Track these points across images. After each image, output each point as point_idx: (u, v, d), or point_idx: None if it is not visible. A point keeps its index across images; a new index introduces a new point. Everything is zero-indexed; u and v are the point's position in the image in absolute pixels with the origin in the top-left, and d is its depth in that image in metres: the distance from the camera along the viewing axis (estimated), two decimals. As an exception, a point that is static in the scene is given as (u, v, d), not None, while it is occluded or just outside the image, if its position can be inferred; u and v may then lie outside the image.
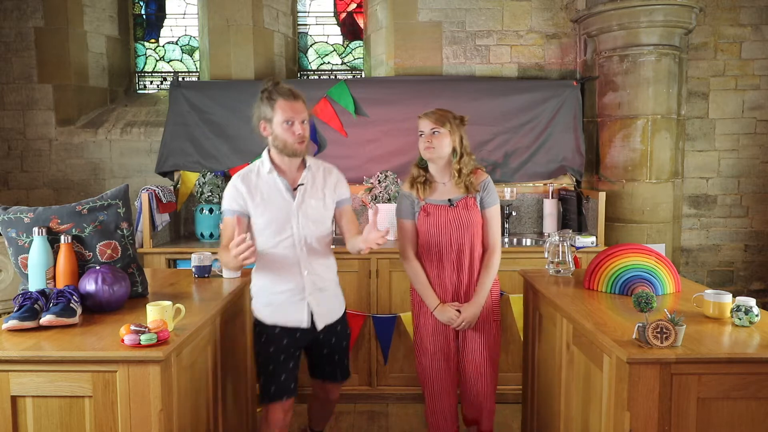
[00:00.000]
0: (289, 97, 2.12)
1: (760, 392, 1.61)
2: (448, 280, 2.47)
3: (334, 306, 2.35)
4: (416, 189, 2.48)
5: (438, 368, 2.50)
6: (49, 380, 1.61)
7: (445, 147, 2.41)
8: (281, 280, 2.20)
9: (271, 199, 2.17)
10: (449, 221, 2.44)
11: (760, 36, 4.14)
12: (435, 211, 2.45)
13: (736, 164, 4.25)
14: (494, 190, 2.50)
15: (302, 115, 2.13)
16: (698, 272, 4.33)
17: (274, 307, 2.22)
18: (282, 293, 2.21)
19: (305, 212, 2.19)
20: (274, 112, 2.11)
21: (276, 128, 2.12)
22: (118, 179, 4.25)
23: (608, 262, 2.26)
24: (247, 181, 2.19)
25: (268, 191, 2.18)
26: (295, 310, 2.22)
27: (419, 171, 2.51)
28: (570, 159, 3.92)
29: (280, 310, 2.22)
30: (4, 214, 2.04)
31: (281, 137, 2.12)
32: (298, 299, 2.21)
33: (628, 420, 1.62)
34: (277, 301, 2.22)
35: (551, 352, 2.33)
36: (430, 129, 2.41)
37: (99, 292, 1.94)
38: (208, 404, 2.07)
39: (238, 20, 4.24)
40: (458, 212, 2.44)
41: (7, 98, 4.24)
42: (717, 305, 1.90)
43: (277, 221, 2.16)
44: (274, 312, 2.23)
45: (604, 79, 3.86)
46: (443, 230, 2.44)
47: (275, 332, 2.22)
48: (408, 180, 2.54)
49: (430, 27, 4.16)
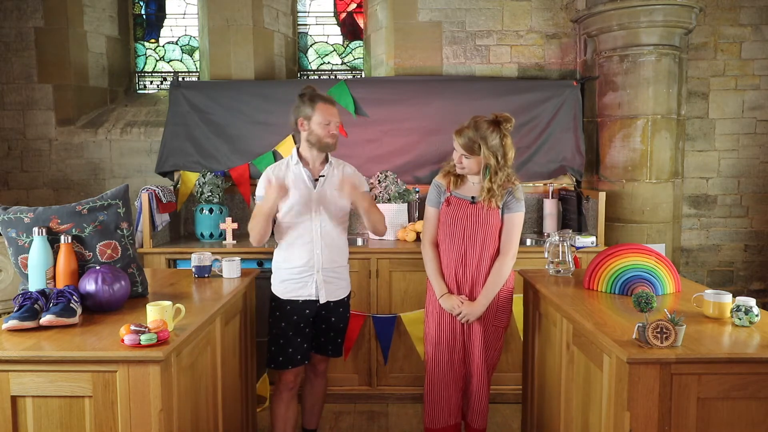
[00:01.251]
0: (329, 102, 2.51)
1: (760, 392, 1.61)
2: (453, 273, 2.50)
3: (339, 286, 2.61)
4: (448, 180, 2.54)
5: (440, 359, 2.52)
6: (49, 380, 1.60)
7: (474, 167, 2.44)
8: (297, 256, 2.52)
9: (296, 186, 2.50)
10: (467, 216, 2.46)
11: (760, 36, 4.14)
12: (457, 204, 2.49)
13: (736, 164, 4.25)
14: (521, 197, 2.48)
15: (337, 119, 2.52)
16: (698, 272, 4.33)
17: (288, 283, 2.53)
18: (296, 268, 2.52)
19: (323, 199, 2.52)
20: (315, 112, 2.46)
21: (314, 126, 2.47)
22: (118, 179, 4.26)
23: (608, 262, 2.26)
24: (278, 171, 2.56)
25: (294, 179, 2.52)
26: (305, 284, 2.52)
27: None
28: (570, 159, 3.92)
29: (292, 285, 2.53)
30: (4, 214, 2.04)
31: (317, 133, 2.47)
32: (308, 275, 2.52)
33: (628, 420, 1.62)
34: (290, 276, 2.53)
35: (551, 352, 2.34)
36: (460, 153, 2.44)
37: (99, 292, 1.94)
38: (208, 404, 2.07)
39: (238, 20, 4.24)
40: (477, 210, 2.46)
41: (7, 98, 4.24)
42: (717, 305, 1.90)
43: (299, 205, 2.48)
44: (287, 288, 2.53)
45: (604, 79, 3.86)
46: (459, 224, 2.47)
47: (287, 309, 2.53)
48: (443, 169, 2.59)
49: (430, 27, 4.16)
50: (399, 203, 3.66)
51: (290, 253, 2.54)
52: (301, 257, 2.52)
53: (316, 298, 2.54)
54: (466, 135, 2.41)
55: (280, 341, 2.53)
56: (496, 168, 2.40)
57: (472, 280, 2.49)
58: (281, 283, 2.56)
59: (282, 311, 2.54)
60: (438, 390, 2.54)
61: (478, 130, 2.39)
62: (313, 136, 2.49)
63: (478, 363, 2.51)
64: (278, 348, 2.54)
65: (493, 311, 2.51)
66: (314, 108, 2.47)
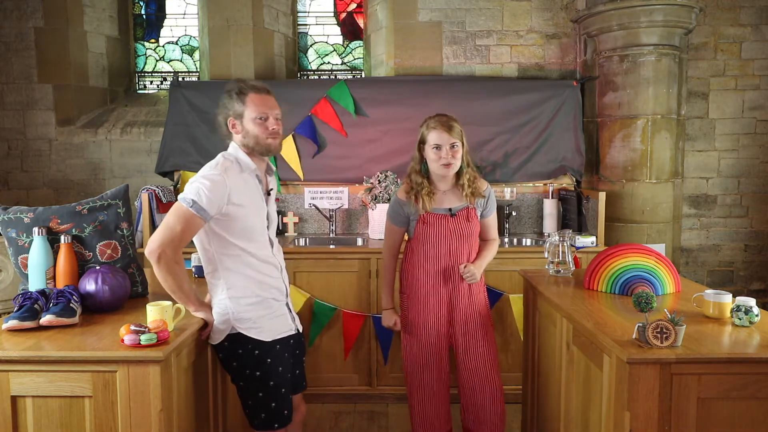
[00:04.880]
0: (262, 91, 2.01)
1: (760, 392, 1.61)
2: (442, 289, 2.43)
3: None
4: (417, 199, 2.35)
5: (429, 378, 2.46)
6: (49, 380, 1.61)
7: (460, 161, 2.32)
8: (266, 286, 2.03)
9: (255, 202, 2.03)
10: (449, 231, 2.37)
11: (760, 36, 4.14)
12: (434, 221, 2.37)
13: (736, 164, 4.25)
14: (494, 197, 2.50)
15: (276, 110, 2.02)
16: (698, 272, 4.33)
17: (267, 320, 2.02)
18: (268, 300, 2.03)
19: (272, 217, 2.13)
20: (246, 106, 1.97)
21: (248, 124, 1.97)
22: (118, 179, 4.25)
23: (608, 262, 2.26)
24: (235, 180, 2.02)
25: (252, 194, 2.02)
26: (285, 315, 2.09)
27: (422, 179, 2.37)
28: (570, 159, 3.92)
29: (274, 320, 2.04)
30: (4, 214, 2.04)
31: (253, 133, 1.97)
32: (282, 303, 2.09)
33: (628, 420, 1.62)
34: (267, 312, 2.02)
35: (551, 352, 2.33)
36: (450, 143, 2.27)
37: (99, 292, 1.94)
38: (208, 404, 2.07)
39: (238, 20, 4.24)
40: (458, 222, 2.37)
41: (7, 98, 4.24)
42: (717, 305, 1.90)
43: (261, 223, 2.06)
44: (270, 325, 2.03)
45: (604, 79, 3.86)
46: (442, 240, 2.38)
47: (276, 349, 2.03)
48: (405, 187, 2.40)
49: (430, 27, 4.16)
50: (399, 203, 3.66)
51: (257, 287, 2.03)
52: (270, 287, 2.06)
53: (295, 331, 2.14)
54: (450, 124, 2.29)
55: (281, 390, 2.04)
56: (467, 160, 2.37)
57: (460, 293, 2.43)
58: (259, 320, 2.03)
59: (273, 355, 2.03)
60: (430, 404, 2.47)
61: (452, 117, 2.34)
62: (250, 137, 1.97)
63: (480, 375, 2.45)
64: (280, 401, 2.04)
65: (482, 313, 2.49)
66: (245, 102, 1.97)
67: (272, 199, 2.14)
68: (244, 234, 1.97)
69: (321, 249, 3.49)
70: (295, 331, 2.13)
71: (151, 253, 1.82)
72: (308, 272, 3.35)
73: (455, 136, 2.29)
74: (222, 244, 1.95)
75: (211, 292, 2.03)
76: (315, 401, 3.36)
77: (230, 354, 2.00)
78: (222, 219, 1.91)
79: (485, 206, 2.46)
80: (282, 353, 2.05)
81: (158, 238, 1.82)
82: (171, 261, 1.83)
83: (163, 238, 1.81)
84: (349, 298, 3.36)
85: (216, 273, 1.98)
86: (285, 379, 2.05)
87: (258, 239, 2.01)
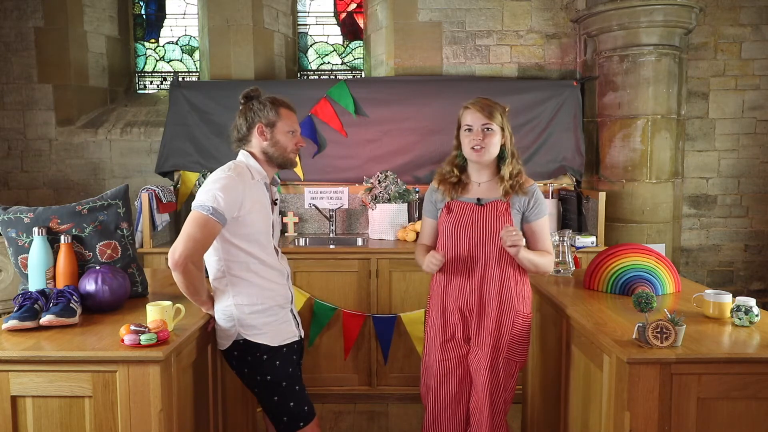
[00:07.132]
0: (291, 109, 2.09)
1: (760, 392, 1.61)
2: (459, 289, 2.14)
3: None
4: (445, 187, 2.17)
5: (446, 392, 2.20)
6: (49, 380, 1.61)
7: (495, 146, 2.06)
8: (272, 293, 2.04)
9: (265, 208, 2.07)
10: (473, 222, 2.10)
11: (760, 36, 4.14)
12: (459, 209, 2.12)
13: (736, 164, 4.25)
14: (543, 200, 2.16)
15: (299, 128, 2.10)
16: (698, 272, 4.33)
17: (273, 326, 2.03)
18: (274, 308, 2.03)
19: (277, 225, 2.18)
20: (279, 117, 2.02)
21: (278, 135, 2.02)
22: (118, 179, 4.25)
23: (608, 262, 2.26)
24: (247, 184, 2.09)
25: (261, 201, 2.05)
26: (290, 322, 2.10)
27: (451, 167, 2.18)
28: (570, 159, 3.92)
29: (280, 326, 2.05)
30: (4, 214, 2.04)
31: (282, 144, 2.03)
32: (288, 310, 2.10)
33: (628, 420, 1.62)
34: (273, 320, 2.03)
35: (551, 352, 2.33)
36: (481, 124, 2.03)
37: (99, 292, 1.94)
38: (208, 404, 2.07)
39: (238, 20, 4.24)
40: (485, 214, 2.09)
41: (7, 98, 4.24)
42: (717, 305, 1.90)
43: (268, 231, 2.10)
44: (277, 331, 2.03)
45: (604, 79, 3.86)
46: (463, 231, 2.11)
47: (284, 352, 2.04)
48: (437, 175, 2.23)
49: (430, 27, 4.16)
50: (399, 203, 3.66)
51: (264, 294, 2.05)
52: (277, 294, 2.08)
53: (299, 337, 2.15)
54: (483, 103, 2.05)
55: (296, 388, 2.06)
56: (512, 149, 2.10)
57: (480, 299, 2.12)
58: (265, 326, 2.05)
59: (282, 357, 2.05)
60: (446, 414, 2.20)
61: (497, 103, 2.07)
62: (279, 147, 2.02)
63: (478, 401, 2.14)
64: (299, 399, 2.05)
65: (505, 340, 2.11)
66: (279, 113, 2.02)
67: (276, 209, 2.17)
68: (253, 240, 1.98)
69: (321, 249, 3.49)
70: (298, 337, 2.13)
71: (176, 265, 1.82)
72: (308, 272, 3.35)
73: (491, 119, 2.05)
74: (230, 251, 1.96)
75: (216, 297, 2.03)
76: (315, 401, 3.31)
77: (241, 362, 2.03)
78: (232, 224, 1.92)
79: (528, 206, 2.12)
80: (290, 355, 2.06)
81: (182, 249, 1.81)
82: (194, 270, 1.86)
83: (187, 249, 1.81)
84: (349, 298, 3.36)
85: (223, 279, 1.99)
86: (297, 377, 2.07)
87: (265, 246, 2.03)
